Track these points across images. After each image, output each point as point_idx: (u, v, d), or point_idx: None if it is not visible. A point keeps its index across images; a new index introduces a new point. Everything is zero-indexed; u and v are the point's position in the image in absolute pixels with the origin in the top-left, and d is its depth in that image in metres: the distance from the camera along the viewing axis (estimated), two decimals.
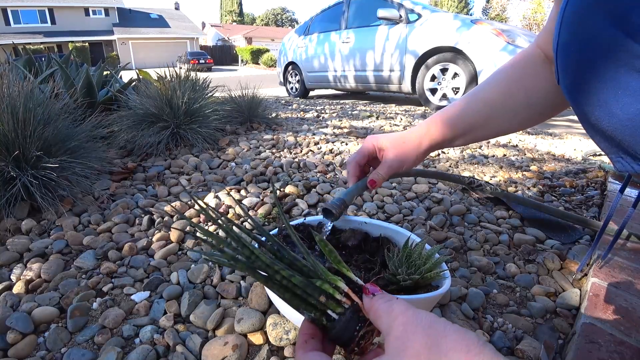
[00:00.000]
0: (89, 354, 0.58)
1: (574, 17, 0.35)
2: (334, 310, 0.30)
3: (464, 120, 0.59)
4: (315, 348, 0.30)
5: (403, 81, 3.74)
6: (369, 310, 0.29)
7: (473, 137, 0.61)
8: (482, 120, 0.58)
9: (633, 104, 0.31)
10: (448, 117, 0.61)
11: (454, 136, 0.61)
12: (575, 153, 1.90)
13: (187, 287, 0.75)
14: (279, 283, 0.31)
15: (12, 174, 0.96)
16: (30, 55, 2.19)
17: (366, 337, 0.29)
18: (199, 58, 21.16)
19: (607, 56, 0.32)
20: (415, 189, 1.26)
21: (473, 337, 0.22)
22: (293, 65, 5.31)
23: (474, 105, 0.59)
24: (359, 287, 0.31)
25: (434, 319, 0.25)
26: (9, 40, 18.60)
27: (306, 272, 0.32)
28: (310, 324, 0.31)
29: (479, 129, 0.59)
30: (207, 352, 0.58)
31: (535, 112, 0.55)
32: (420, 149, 0.61)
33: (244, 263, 0.32)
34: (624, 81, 0.31)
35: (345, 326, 0.29)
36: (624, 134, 0.33)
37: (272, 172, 1.39)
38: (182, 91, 1.71)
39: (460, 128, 0.60)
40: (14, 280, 0.77)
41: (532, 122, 0.59)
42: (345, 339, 0.29)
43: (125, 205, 1.09)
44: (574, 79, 0.36)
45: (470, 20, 3.22)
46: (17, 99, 1.03)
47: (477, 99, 0.59)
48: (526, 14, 19.93)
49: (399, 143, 0.61)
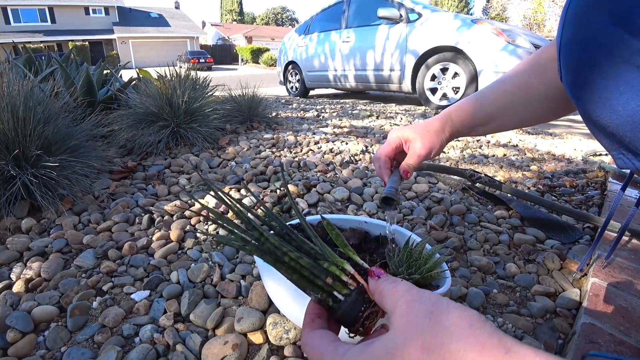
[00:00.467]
0: (89, 353, 0.58)
1: (576, 15, 0.35)
2: (340, 291, 0.31)
3: (484, 110, 0.60)
4: (321, 327, 0.31)
5: (403, 81, 3.73)
6: (374, 292, 0.29)
7: (493, 127, 0.62)
8: (501, 111, 0.59)
9: (634, 100, 0.31)
10: (469, 106, 0.62)
11: (475, 124, 0.62)
12: (576, 153, 1.90)
13: (187, 286, 0.75)
14: (287, 264, 0.31)
15: (12, 172, 0.96)
16: (30, 54, 2.19)
17: (371, 317, 0.30)
18: (199, 57, 21.16)
19: (609, 53, 0.32)
20: (415, 189, 1.26)
21: (475, 313, 0.23)
22: (293, 65, 5.30)
23: (494, 95, 0.60)
24: (365, 270, 0.31)
25: (437, 297, 0.25)
26: (9, 39, 18.57)
27: (313, 254, 0.33)
28: (316, 304, 0.32)
29: (498, 118, 0.60)
30: (207, 351, 0.58)
31: (552, 105, 0.56)
32: (444, 135, 0.62)
33: (254, 245, 0.32)
34: (625, 78, 0.31)
35: (351, 307, 0.30)
36: (625, 131, 0.33)
37: (272, 171, 1.39)
38: (182, 90, 1.70)
39: (480, 117, 0.61)
40: (14, 279, 0.77)
41: (549, 117, 0.60)
42: (350, 319, 0.30)
43: (125, 205, 1.09)
44: (576, 76, 0.37)
45: (471, 20, 3.21)
46: (17, 98, 1.03)
47: (498, 89, 0.60)
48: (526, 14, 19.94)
49: (424, 132, 0.61)
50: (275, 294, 0.59)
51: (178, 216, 1.04)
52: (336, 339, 0.29)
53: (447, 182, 1.34)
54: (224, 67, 24.51)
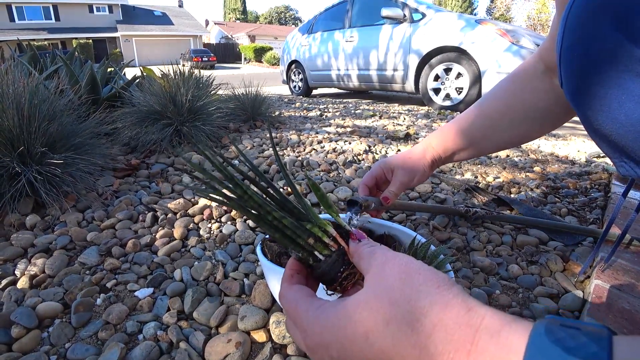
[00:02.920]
0: (93, 349, 0.59)
1: (577, 21, 0.34)
2: (320, 252, 0.31)
3: (465, 134, 0.61)
4: (300, 282, 0.32)
5: (406, 80, 3.73)
6: (353, 254, 0.30)
7: (475, 151, 0.63)
8: (481, 134, 0.60)
9: (637, 110, 0.31)
10: (450, 130, 0.63)
11: (456, 148, 0.63)
12: (579, 155, 1.89)
13: (190, 284, 0.75)
14: (270, 223, 0.31)
15: (17, 169, 0.96)
16: (34, 52, 2.20)
17: (349, 278, 0.31)
18: (202, 56, 21.19)
19: (611, 61, 0.31)
20: (418, 189, 1.26)
21: (444, 276, 0.24)
22: (296, 64, 5.30)
23: (474, 118, 0.61)
24: (347, 232, 0.32)
25: (411, 259, 0.26)
26: (14, 37, 18.64)
27: (297, 214, 0.33)
28: (296, 261, 0.33)
29: (479, 142, 0.61)
30: (210, 349, 0.58)
31: (534, 125, 0.58)
32: (426, 160, 0.63)
33: (236, 201, 0.32)
34: (628, 87, 0.31)
35: (330, 267, 0.31)
36: (627, 140, 0.33)
37: (275, 170, 1.39)
38: (185, 89, 1.71)
39: (461, 142, 0.62)
40: (19, 275, 0.78)
41: (532, 136, 0.61)
42: (329, 278, 0.31)
43: (129, 202, 1.10)
44: (577, 83, 0.36)
45: (475, 20, 3.20)
46: (22, 95, 1.04)
47: (478, 112, 0.61)
48: (530, 14, 19.86)
49: (406, 159, 0.63)
50: (278, 292, 0.59)
51: (181, 214, 1.04)
52: (312, 295, 0.30)
53: (450, 182, 1.33)
54: (227, 66, 24.53)
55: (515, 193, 1.28)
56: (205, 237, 0.95)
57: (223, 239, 0.93)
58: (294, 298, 0.29)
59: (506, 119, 0.57)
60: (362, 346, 0.24)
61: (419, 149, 0.64)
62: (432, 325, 0.21)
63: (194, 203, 1.11)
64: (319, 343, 0.26)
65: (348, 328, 0.24)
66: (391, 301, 0.23)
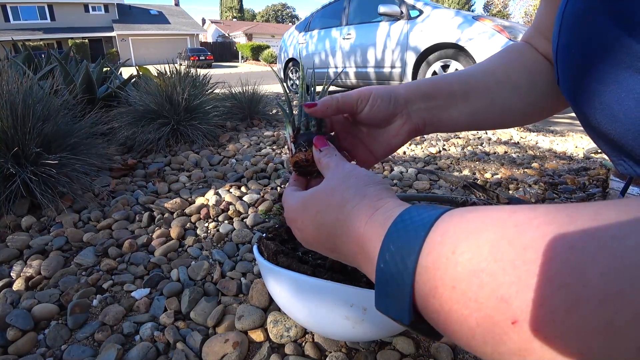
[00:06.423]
0: (89, 351, 0.58)
1: (575, 17, 0.33)
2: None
3: (463, 81, 0.46)
4: (297, 188, 0.41)
5: (404, 78, 3.72)
6: (317, 162, 0.38)
7: (474, 106, 0.46)
8: (483, 86, 0.46)
9: (636, 107, 0.30)
10: (444, 76, 0.47)
11: (449, 93, 0.45)
12: (577, 150, 1.89)
13: (187, 284, 0.74)
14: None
15: (12, 170, 0.95)
16: (29, 52, 2.18)
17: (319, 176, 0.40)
18: (199, 54, 21.07)
19: (610, 58, 0.30)
20: (416, 186, 1.25)
21: (376, 177, 0.31)
22: (293, 62, 5.29)
23: (473, 71, 0.47)
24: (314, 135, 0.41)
25: (357, 167, 0.33)
26: (9, 37, 18.51)
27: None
28: (297, 175, 0.44)
29: (480, 94, 0.45)
30: (208, 349, 0.58)
31: (539, 95, 0.46)
32: (399, 93, 0.44)
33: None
34: (627, 84, 0.30)
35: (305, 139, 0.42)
36: (626, 138, 0.32)
37: (273, 168, 1.38)
38: (182, 87, 1.70)
39: (458, 87, 0.45)
40: (14, 277, 0.77)
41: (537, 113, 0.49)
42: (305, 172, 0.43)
43: (126, 202, 1.09)
44: (575, 81, 0.35)
45: (472, 17, 3.19)
46: (17, 96, 1.03)
47: (475, 68, 0.48)
48: (528, 11, 19.85)
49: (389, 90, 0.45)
50: (276, 291, 0.59)
51: (178, 214, 1.04)
52: (298, 190, 0.39)
53: (449, 179, 1.33)
54: (224, 65, 24.44)
55: (513, 189, 1.28)
56: (203, 236, 0.94)
57: (220, 238, 0.93)
58: (288, 194, 0.39)
59: (510, 80, 0.45)
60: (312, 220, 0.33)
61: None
62: (350, 208, 0.29)
63: (191, 202, 1.10)
64: (290, 218, 0.36)
65: (304, 210, 0.34)
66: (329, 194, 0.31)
